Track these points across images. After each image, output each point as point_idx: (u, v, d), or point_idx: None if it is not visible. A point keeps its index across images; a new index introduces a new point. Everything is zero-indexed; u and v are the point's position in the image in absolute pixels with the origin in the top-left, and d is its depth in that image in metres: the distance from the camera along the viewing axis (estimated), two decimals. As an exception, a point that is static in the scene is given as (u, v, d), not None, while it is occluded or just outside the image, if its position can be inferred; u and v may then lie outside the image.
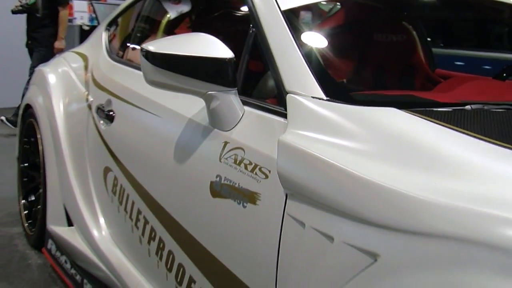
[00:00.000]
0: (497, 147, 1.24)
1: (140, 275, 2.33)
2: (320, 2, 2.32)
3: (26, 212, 3.54)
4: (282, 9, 1.88)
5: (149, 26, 2.98)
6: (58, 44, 6.56)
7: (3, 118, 6.53)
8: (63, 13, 6.53)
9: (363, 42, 2.50)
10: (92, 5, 7.68)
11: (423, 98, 1.78)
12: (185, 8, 3.01)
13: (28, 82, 6.46)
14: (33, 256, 3.30)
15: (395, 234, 1.14)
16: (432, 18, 3.09)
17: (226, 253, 1.70)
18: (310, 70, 1.65)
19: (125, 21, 3.24)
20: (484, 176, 1.15)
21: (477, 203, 1.06)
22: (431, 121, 1.37)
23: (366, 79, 2.32)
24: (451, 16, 3.66)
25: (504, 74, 2.73)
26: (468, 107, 1.60)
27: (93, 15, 7.70)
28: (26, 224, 3.51)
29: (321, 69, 1.71)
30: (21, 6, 6.60)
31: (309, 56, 1.72)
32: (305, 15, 2.08)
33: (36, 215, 3.37)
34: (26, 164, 3.62)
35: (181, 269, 1.94)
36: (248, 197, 1.58)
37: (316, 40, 1.95)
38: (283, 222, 1.45)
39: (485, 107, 1.62)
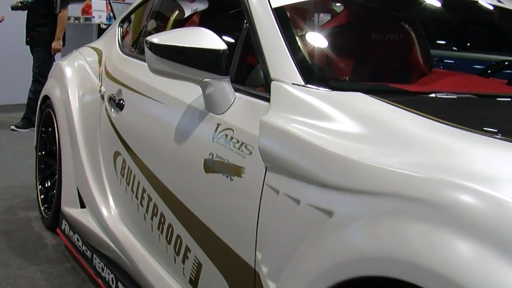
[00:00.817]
0: (439, 124, 1.44)
1: (143, 249, 2.54)
2: (309, 1, 2.52)
3: (42, 197, 3.78)
4: (273, 7, 2.09)
5: (159, 23, 3.20)
6: (55, 44, 6.70)
7: (12, 127, 6.71)
8: (62, 14, 6.65)
9: (352, 39, 2.70)
10: (110, 4, 7.92)
11: (393, 87, 1.98)
12: (200, 6, 3.22)
13: (33, 83, 6.70)
14: (48, 237, 3.53)
15: (347, 194, 1.35)
16: (423, 19, 3.26)
17: (216, 221, 1.92)
18: (293, 61, 1.86)
19: (137, 18, 3.47)
20: (423, 146, 1.36)
21: (414, 167, 1.27)
22: (389, 103, 1.58)
23: (355, 71, 2.52)
24: (448, 17, 3.81)
25: (489, 71, 2.94)
26: (432, 95, 1.81)
27: (111, 14, 7.95)
28: (42, 208, 3.74)
29: (302, 60, 1.91)
30: (20, 3, 6.74)
31: (293, 48, 1.93)
32: (295, 13, 2.27)
33: (51, 199, 3.60)
34: (43, 152, 3.86)
35: (179, 240, 2.15)
36: (235, 171, 1.79)
37: (301, 35, 2.15)
38: (263, 191, 1.66)
39: (447, 95, 1.82)
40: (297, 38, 2.01)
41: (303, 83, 1.78)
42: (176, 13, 3.12)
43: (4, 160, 5.29)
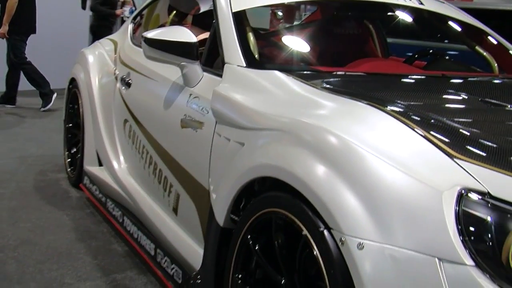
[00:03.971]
0: (316, 89, 2.25)
1: (144, 192, 3.38)
2: (260, 6, 3.32)
3: (69, 160, 4.65)
4: (233, 10, 2.90)
5: (160, 20, 4.05)
6: (1, 30, 7.38)
7: (42, 109, 7.63)
8: (10, 2, 7.25)
9: (291, 36, 3.52)
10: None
11: (311, 67, 2.79)
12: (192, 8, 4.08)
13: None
14: (73, 191, 4.41)
15: (250, 131, 2.18)
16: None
17: (188, 162, 2.74)
18: (240, 50, 2.67)
19: (146, 15, 4.30)
20: (300, 102, 2.17)
21: (289, 114, 2.08)
22: (292, 77, 2.38)
23: (293, 58, 3.25)
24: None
25: (416, 56, 3.73)
26: (339, 73, 2.63)
27: (133, 8, 8.80)
28: (68, 169, 4.62)
29: (247, 49, 2.71)
30: None
31: (242, 41, 2.73)
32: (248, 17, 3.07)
33: (76, 161, 4.46)
34: (70, 125, 4.72)
35: (166, 180, 2.98)
36: (199, 125, 2.61)
37: (250, 32, 2.92)
38: (213, 137, 2.48)
39: (347, 73, 2.64)
40: (246, 34, 2.82)
41: (245, 65, 2.60)
42: (174, 12, 3.96)
43: (37, 135, 6.21)
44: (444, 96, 2.57)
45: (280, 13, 3.84)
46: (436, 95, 2.54)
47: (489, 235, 1.55)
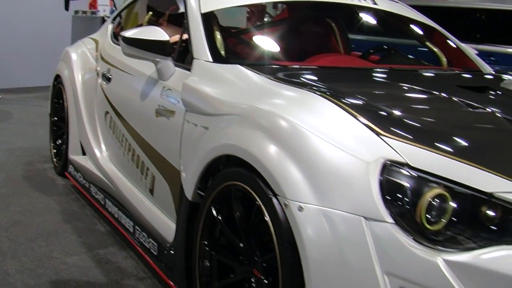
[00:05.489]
0: (270, 80, 2.59)
1: (123, 177, 3.71)
2: (228, 7, 3.65)
3: (54, 151, 4.98)
4: (202, 11, 3.23)
5: (138, 19, 4.38)
6: None
7: None
8: None
9: (255, 34, 3.86)
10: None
11: (273, 62, 3.14)
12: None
13: None
14: (59, 179, 4.74)
15: (212, 116, 2.54)
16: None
17: (162, 146, 3.08)
18: (207, 47, 3.01)
19: (125, 15, 4.63)
20: (254, 91, 2.52)
21: (244, 100, 2.43)
22: (256, 72, 2.71)
23: (257, 54, 3.58)
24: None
25: (371, 51, 4.09)
26: (295, 66, 2.98)
27: (114, 8, 9.08)
28: (54, 160, 4.95)
29: (213, 46, 3.05)
30: None
31: (209, 40, 3.07)
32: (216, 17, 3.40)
33: (61, 152, 4.79)
34: (55, 118, 5.04)
35: (143, 164, 3.32)
36: (170, 113, 2.95)
37: (216, 31, 3.25)
38: (183, 124, 2.82)
39: (302, 67, 2.99)
40: (213, 32, 3.15)
41: (211, 61, 2.94)
42: (150, 13, 4.30)
43: (24, 130, 6.53)
44: (384, 86, 2.94)
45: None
46: (378, 85, 2.92)
47: (406, 198, 1.91)
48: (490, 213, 1.87)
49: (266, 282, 2.21)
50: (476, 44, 6.57)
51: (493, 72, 3.65)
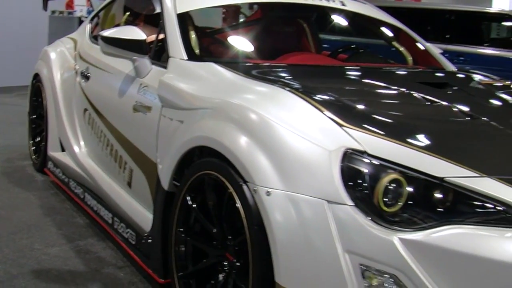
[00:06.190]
0: (241, 76, 2.75)
1: (102, 172, 3.85)
2: (203, 8, 3.81)
3: (33, 148, 5.09)
4: (177, 12, 3.38)
5: (116, 19, 4.52)
6: None
7: None
8: None
9: (228, 33, 4.02)
10: (90, 0, 9.17)
11: (245, 60, 3.31)
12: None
13: None
14: (38, 176, 4.85)
15: (186, 111, 2.69)
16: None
17: (139, 140, 3.23)
18: (182, 46, 3.17)
19: (103, 16, 4.77)
20: (226, 86, 2.68)
21: (216, 95, 2.59)
22: (228, 69, 2.87)
23: (230, 52, 3.74)
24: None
25: (340, 50, 4.26)
26: (266, 64, 3.14)
27: (91, 9, 9.18)
28: (33, 157, 5.06)
29: (188, 45, 3.20)
30: None
31: (184, 39, 3.22)
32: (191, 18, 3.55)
33: (40, 149, 4.90)
34: (34, 116, 5.15)
35: (121, 158, 3.46)
36: (147, 109, 3.10)
37: (191, 30, 3.40)
38: (160, 119, 2.97)
39: (272, 65, 3.16)
40: (188, 32, 3.30)
41: (186, 59, 3.10)
42: (127, 13, 4.44)
43: (2, 128, 6.62)
44: (349, 83, 3.12)
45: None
46: (343, 81, 3.09)
47: (365, 183, 2.08)
48: (442, 196, 2.04)
49: (238, 264, 2.37)
50: (446, 44, 6.84)
51: (455, 70, 3.84)
